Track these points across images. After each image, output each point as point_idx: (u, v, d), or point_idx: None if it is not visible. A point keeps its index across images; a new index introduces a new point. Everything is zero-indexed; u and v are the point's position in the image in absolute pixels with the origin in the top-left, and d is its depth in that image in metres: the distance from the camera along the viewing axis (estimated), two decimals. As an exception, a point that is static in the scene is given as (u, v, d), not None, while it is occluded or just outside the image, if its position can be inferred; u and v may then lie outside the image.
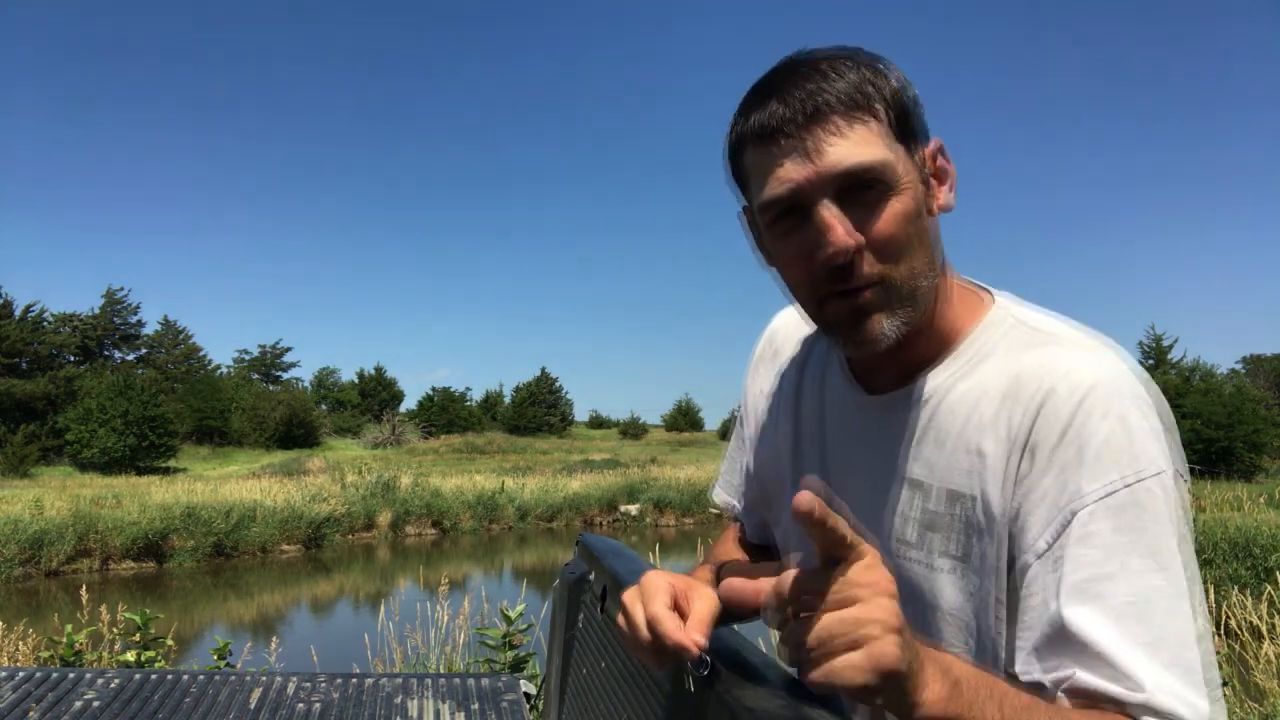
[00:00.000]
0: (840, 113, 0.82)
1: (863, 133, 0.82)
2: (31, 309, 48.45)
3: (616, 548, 1.78)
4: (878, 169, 0.82)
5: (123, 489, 23.88)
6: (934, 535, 0.90)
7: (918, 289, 0.86)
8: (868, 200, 0.83)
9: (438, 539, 23.31)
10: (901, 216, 0.83)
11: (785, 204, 0.84)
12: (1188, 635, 0.75)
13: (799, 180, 0.82)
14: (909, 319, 0.86)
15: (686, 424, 64.41)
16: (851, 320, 0.86)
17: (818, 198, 0.82)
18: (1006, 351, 0.90)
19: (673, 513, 26.11)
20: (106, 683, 2.31)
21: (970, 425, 0.88)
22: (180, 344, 56.15)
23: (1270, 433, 34.90)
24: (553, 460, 40.42)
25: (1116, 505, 0.78)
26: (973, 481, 0.87)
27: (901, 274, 0.84)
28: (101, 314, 52.73)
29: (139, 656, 4.29)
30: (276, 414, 46.27)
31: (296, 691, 2.32)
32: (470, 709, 2.27)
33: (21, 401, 41.55)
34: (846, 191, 0.82)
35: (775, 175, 0.84)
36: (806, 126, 0.82)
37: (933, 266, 0.87)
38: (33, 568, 17.03)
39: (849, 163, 0.81)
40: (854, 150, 0.81)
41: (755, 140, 0.85)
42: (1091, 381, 0.83)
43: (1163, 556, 0.77)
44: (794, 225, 0.85)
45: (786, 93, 0.83)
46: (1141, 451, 0.79)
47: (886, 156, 0.82)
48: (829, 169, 0.81)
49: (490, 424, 58.63)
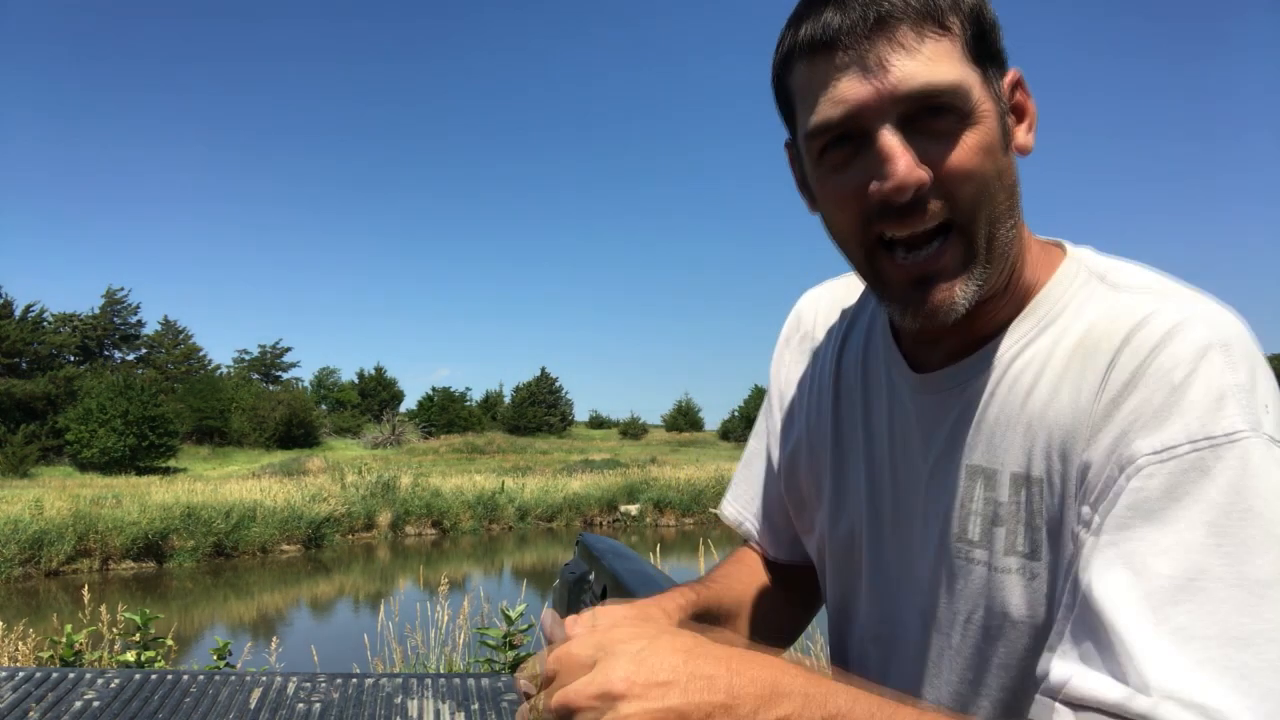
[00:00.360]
0: (910, 23, 0.69)
1: (936, 48, 0.69)
2: (31, 309, 48.51)
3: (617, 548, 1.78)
4: (953, 91, 0.69)
5: (123, 489, 23.88)
6: (999, 530, 0.76)
7: (997, 241, 0.73)
8: (939, 129, 0.70)
9: (438, 539, 23.31)
10: (979, 150, 0.71)
11: (839, 129, 0.71)
12: (1247, 631, 0.58)
13: (857, 100, 0.70)
14: (985, 278, 0.73)
15: (686, 424, 64.39)
16: (914, 287, 0.74)
17: (879, 122, 0.70)
18: (1080, 305, 0.76)
19: (673, 513, 26.11)
20: (106, 683, 2.30)
21: (1036, 394, 0.74)
22: (180, 344, 56.14)
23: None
24: (553, 460, 40.42)
25: (1178, 469, 0.63)
26: (1040, 461, 0.73)
27: (978, 219, 0.72)
28: (101, 314, 52.74)
29: (139, 656, 4.29)
30: (276, 414, 46.26)
31: (296, 691, 2.32)
32: (470, 709, 2.27)
33: (21, 401, 41.55)
34: (914, 118, 0.70)
35: (829, 95, 0.71)
36: (869, 37, 0.69)
37: (1014, 214, 0.75)
38: (33, 568, 17.03)
39: (919, 81, 0.69)
40: (926, 67, 0.69)
41: (806, 54, 0.73)
42: (1174, 323, 0.69)
43: (1230, 537, 0.60)
44: (848, 156, 0.73)
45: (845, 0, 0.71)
46: (1222, 408, 0.64)
47: (963, 78, 0.70)
48: (895, 88, 0.69)
49: (490, 424, 58.62)
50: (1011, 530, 0.75)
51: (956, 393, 0.81)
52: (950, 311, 0.74)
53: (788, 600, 1.08)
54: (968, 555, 0.78)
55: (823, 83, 0.72)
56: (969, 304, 0.74)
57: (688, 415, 65.20)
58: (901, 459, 0.86)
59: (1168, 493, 0.63)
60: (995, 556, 0.76)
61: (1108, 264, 0.79)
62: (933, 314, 0.74)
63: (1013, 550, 0.75)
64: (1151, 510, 0.63)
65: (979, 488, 0.78)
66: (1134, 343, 0.70)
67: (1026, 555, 0.74)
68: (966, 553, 0.78)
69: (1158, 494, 0.63)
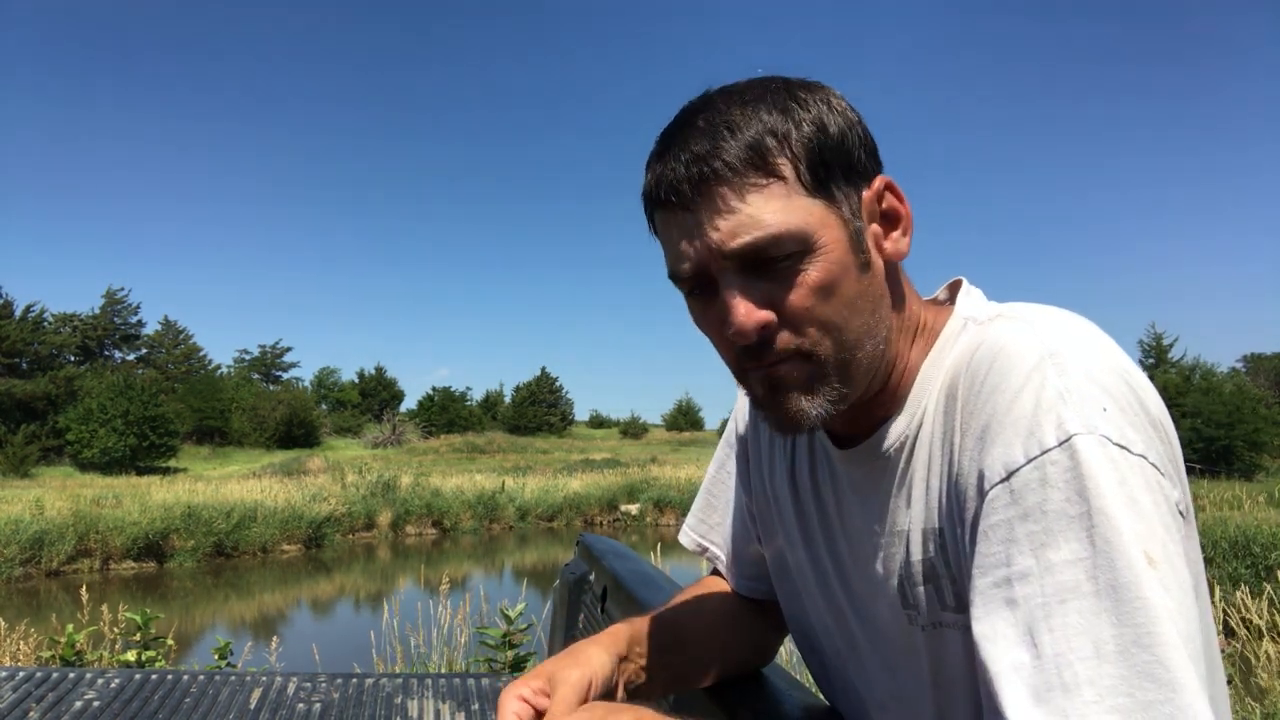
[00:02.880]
0: (730, 181, 0.72)
1: (760, 199, 0.72)
2: (31, 309, 48.48)
3: (617, 548, 1.79)
4: (779, 239, 0.72)
5: (123, 489, 23.88)
6: (928, 588, 0.77)
7: (850, 362, 0.76)
8: (779, 270, 0.73)
9: (438, 539, 23.31)
10: (818, 285, 0.73)
11: (689, 281, 0.77)
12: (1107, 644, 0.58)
13: (695, 259, 0.75)
14: (837, 398, 0.77)
15: (687, 423, 64.39)
16: (769, 398, 0.78)
17: (720, 275, 0.75)
18: (954, 359, 0.78)
19: (673, 512, 26.08)
20: (107, 683, 2.30)
21: (921, 447, 0.78)
22: (180, 344, 56.15)
23: (1270, 432, 34.86)
24: (553, 460, 40.43)
25: (1022, 487, 0.64)
26: (938, 511, 0.76)
27: (827, 348, 0.75)
28: (101, 314, 52.74)
29: (139, 656, 4.29)
30: (277, 414, 46.26)
31: (297, 691, 2.32)
32: (470, 709, 2.27)
33: (21, 401, 41.55)
34: (753, 264, 0.73)
35: (675, 250, 0.77)
36: (695, 201, 0.74)
37: (872, 334, 0.77)
38: (33, 568, 17.03)
39: (744, 237, 0.72)
40: (748, 220, 0.72)
41: (655, 205, 0.79)
42: (1003, 341, 0.71)
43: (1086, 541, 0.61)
44: (708, 300, 0.78)
45: (681, 149, 0.75)
46: (1058, 415, 0.64)
47: (790, 221, 0.72)
48: (719, 247, 0.73)
49: (490, 424, 58.62)
50: (938, 587, 0.76)
51: (876, 463, 0.82)
52: (801, 421, 0.77)
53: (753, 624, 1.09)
54: (917, 622, 0.79)
55: (669, 237, 0.78)
56: (822, 415, 0.77)
57: (688, 415, 65.20)
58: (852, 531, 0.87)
59: (1022, 516, 0.64)
60: (932, 615, 0.77)
61: (983, 308, 0.81)
62: (784, 423, 0.78)
63: (945, 606, 0.76)
64: (1010, 538, 0.64)
65: (903, 551, 0.79)
66: (970, 369, 0.73)
67: (954, 609, 0.75)
68: (916, 620, 0.79)
69: (1013, 518, 0.64)
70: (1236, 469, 31.55)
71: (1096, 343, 0.71)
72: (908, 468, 0.80)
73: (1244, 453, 33.11)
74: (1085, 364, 0.68)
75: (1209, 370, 44.36)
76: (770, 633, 1.10)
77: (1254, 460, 33.45)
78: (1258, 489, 21.59)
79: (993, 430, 0.68)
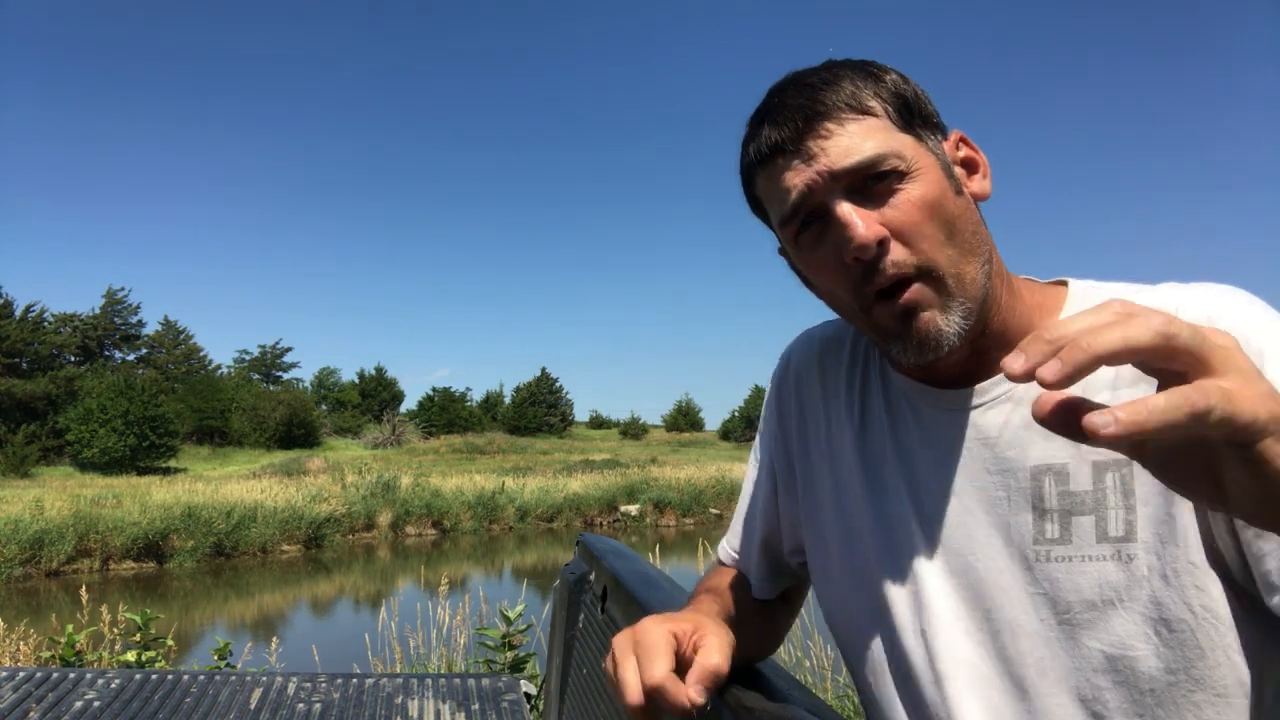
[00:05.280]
0: (831, 117, 0.80)
1: (859, 127, 0.80)
2: (31, 309, 48.48)
3: (617, 548, 1.79)
4: (882, 157, 0.79)
5: (123, 489, 23.88)
6: (1082, 520, 0.78)
7: (965, 275, 0.80)
8: (881, 191, 0.79)
9: (438, 539, 23.30)
10: (921, 200, 0.79)
11: (800, 212, 0.82)
12: None
13: (805, 184, 0.80)
14: (967, 312, 0.80)
15: (687, 424, 64.37)
16: (902, 322, 0.80)
17: (830, 199, 0.80)
18: None
19: (673, 513, 26.09)
20: (107, 683, 2.30)
21: (1096, 386, 0.78)
22: (180, 344, 56.13)
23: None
24: (553, 460, 40.41)
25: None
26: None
27: (942, 260, 0.79)
28: (101, 314, 52.74)
29: (139, 656, 4.29)
30: (276, 414, 46.25)
31: (297, 691, 2.32)
32: (470, 709, 2.27)
33: (21, 401, 41.54)
34: (859, 188, 0.79)
35: (783, 188, 0.82)
36: (801, 138, 0.80)
37: (978, 251, 0.81)
38: (33, 568, 17.03)
39: (851, 157, 0.79)
40: (852, 144, 0.79)
41: (759, 166, 0.84)
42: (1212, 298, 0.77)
43: None
44: (818, 234, 0.82)
45: (777, 115, 0.82)
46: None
47: (889, 144, 0.79)
48: (829, 167, 0.79)
49: (490, 424, 58.62)
50: (1098, 517, 0.78)
51: (1001, 402, 0.84)
52: (939, 339, 0.79)
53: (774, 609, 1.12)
54: (1051, 556, 0.79)
55: (777, 183, 0.83)
56: (957, 335, 0.79)
57: (688, 415, 65.19)
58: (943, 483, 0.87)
59: None
60: (1084, 548, 0.78)
61: (1113, 284, 0.86)
62: (923, 342, 0.80)
63: (1104, 538, 0.77)
64: None
65: (1050, 484, 0.80)
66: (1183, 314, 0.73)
67: (1121, 539, 0.77)
68: (1049, 554, 0.79)
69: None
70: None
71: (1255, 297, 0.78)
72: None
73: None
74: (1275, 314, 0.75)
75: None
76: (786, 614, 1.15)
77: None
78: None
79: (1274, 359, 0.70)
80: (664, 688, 0.77)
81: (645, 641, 0.81)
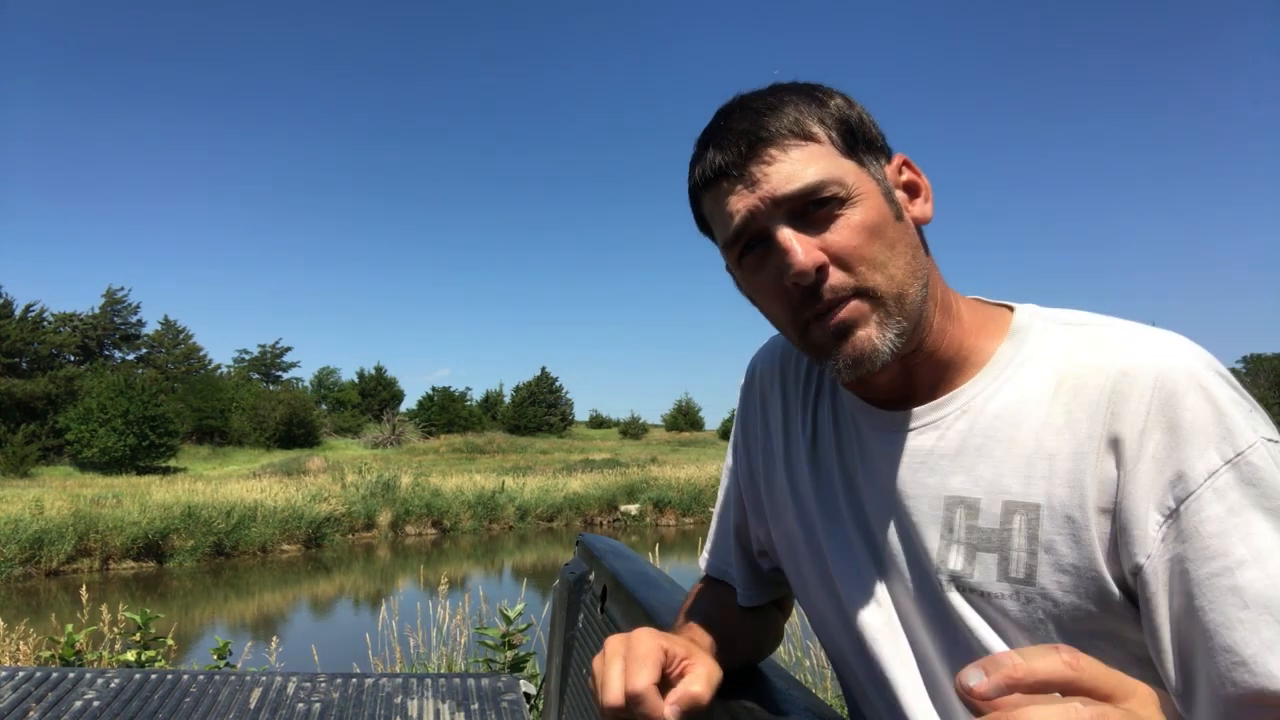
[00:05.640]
0: (776, 142, 0.81)
1: (802, 154, 0.81)
2: (31, 309, 48.45)
3: (616, 548, 1.79)
4: (823, 184, 0.80)
5: (123, 489, 23.88)
6: (987, 556, 0.81)
7: (903, 296, 0.82)
8: (823, 217, 0.81)
9: (438, 539, 23.30)
10: (861, 226, 0.81)
11: (743, 237, 0.84)
12: None
13: (747, 209, 0.82)
14: (901, 330, 0.82)
15: (687, 424, 64.36)
16: (837, 340, 0.82)
17: (772, 224, 0.81)
18: (1048, 350, 0.83)
19: (673, 512, 26.09)
20: (107, 682, 2.31)
21: (1025, 430, 0.81)
22: (180, 344, 56.12)
23: (1270, 432, 34.80)
24: (553, 460, 40.41)
25: (1224, 486, 0.71)
26: (1036, 488, 0.79)
27: (880, 282, 0.81)
28: (101, 314, 52.73)
29: (139, 656, 4.29)
30: (276, 414, 46.24)
31: (296, 691, 2.32)
32: (470, 709, 2.27)
33: (21, 401, 41.53)
34: (800, 214, 0.81)
35: (728, 211, 0.84)
36: (746, 162, 0.82)
37: (916, 275, 0.83)
38: (33, 567, 17.03)
39: (792, 184, 0.80)
40: (794, 171, 0.81)
41: (704, 189, 0.86)
42: (1160, 360, 0.77)
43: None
44: (760, 257, 0.84)
45: (722, 139, 0.84)
46: (1233, 424, 0.73)
47: (831, 171, 0.81)
48: (771, 192, 0.81)
49: (490, 424, 58.60)
50: (1004, 557, 0.80)
51: (932, 430, 0.86)
52: (873, 356, 0.81)
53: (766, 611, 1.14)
54: (953, 587, 0.83)
55: (721, 206, 0.85)
56: (890, 352, 0.81)
57: (688, 415, 65.19)
58: (871, 499, 0.90)
59: (1227, 509, 0.71)
60: (986, 583, 0.81)
61: (1056, 313, 0.87)
62: (857, 359, 0.81)
63: (1005, 576, 0.80)
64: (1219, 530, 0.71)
65: (961, 517, 0.83)
66: (1130, 377, 0.77)
67: (1021, 580, 0.79)
68: (952, 584, 0.83)
69: (1219, 513, 0.71)
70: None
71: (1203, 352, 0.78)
72: (974, 434, 0.83)
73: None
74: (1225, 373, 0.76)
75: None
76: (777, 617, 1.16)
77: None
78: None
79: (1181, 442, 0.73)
80: (644, 696, 0.78)
81: (637, 649, 0.82)
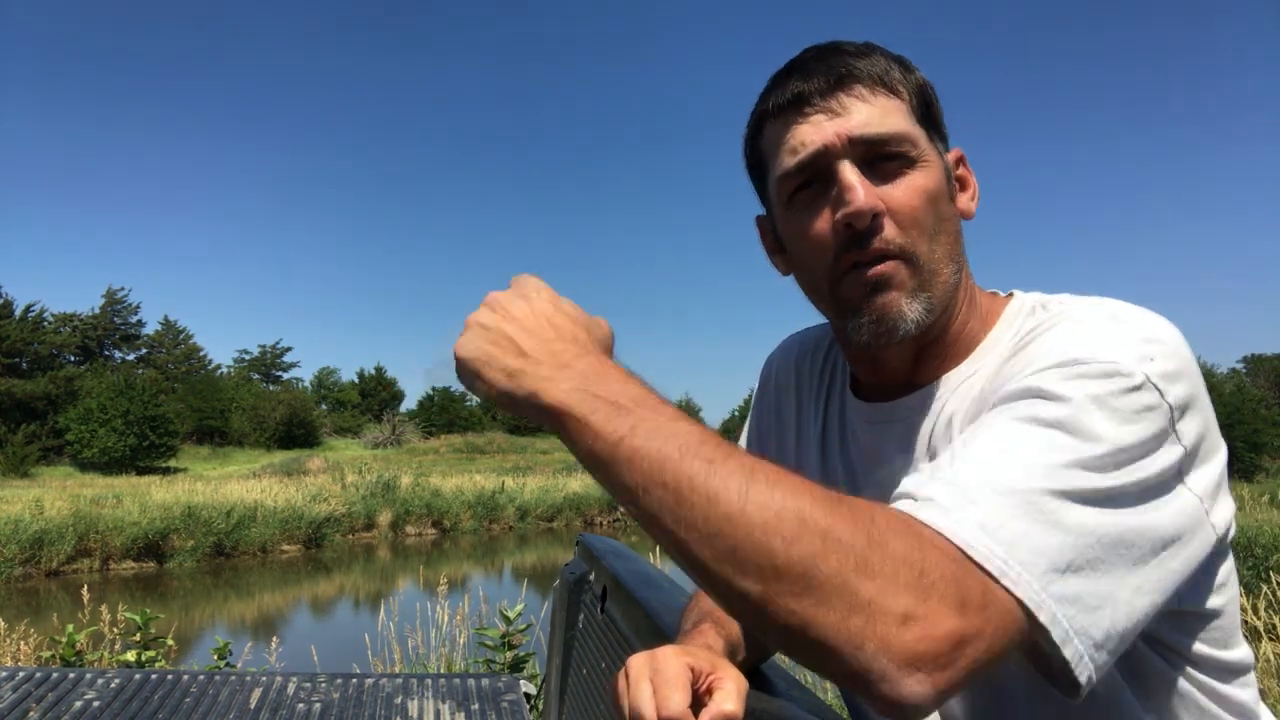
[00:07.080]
0: (865, 83, 0.80)
1: (888, 104, 0.80)
2: (31, 309, 48.46)
3: (616, 548, 1.78)
4: (901, 138, 0.79)
5: (123, 489, 23.87)
6: None
7: (939, 275, 0.81)
8: (889, 171, 0.80)
9: (438, 539, 23.30)
10: (924, 191, 0.80)
11: (806, 169, 0.81)
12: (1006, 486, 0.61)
13: (822, 141, 0.79)
14: (930, 306, 0.80)
15: (687, 424, 64.38)
16: (869, 295, 0.80)
17: (840, 160, 0.79)
18: (1019, 332, 0.83)
19: (673, 513, 26.04)
20: (107, 683, 2.30)
21: (972, 400, 0.81)
22: (180, 344, 56.14)
23: (1271, 433, 34.92)
24: (553, 460, 40.39)
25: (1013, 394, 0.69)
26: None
27: (924, 251, 0.80)
28: (101, 314, 52.73)
29: (139, 656, 4.28)
30: (276, 414, 46.25)
31: (296, 691, 2.32)
32: (470, 709, 2.27)
33: (21, 401, 41.53)
34: (869, 161, 0.80)
35: (797, 140, 0.81)
36: (832, 92, 0.80)
37: (953, 259, 0.82)
38: (33, 568, 17.02)
39: (876, 127, 0.79)
40: (879, 116, 0.79)
41: (777, 114, 0.83)
42: (1076, 309, 0.78)
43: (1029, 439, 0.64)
44: (814, 196, 0.82)
45: (809, 68, 0.82)
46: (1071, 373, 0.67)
47: (908, 128, 0.80)
48: (853, 130, 0.79)
49: (490, 424, 58.57)
50: None
51: (911, 419, 0.86)
52: (898, 321, 0.79)
53: None
54: None
55: (791, 133, 0.82)
56: (915, 324, 0.80)
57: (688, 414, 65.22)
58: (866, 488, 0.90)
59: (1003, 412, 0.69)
60: None
61: (1051, 297, 0.85)
62: (882, 318, 0.79)
63: None
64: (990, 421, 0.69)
65: None
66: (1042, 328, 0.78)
67: None
68: None
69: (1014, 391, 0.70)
70: (1237, 470, 31.54)
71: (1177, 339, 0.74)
72: (942, 417, 0.84)
73: (1244, 454, 33.13)
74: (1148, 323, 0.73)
75: (1209, 371, 44.39)
76: None
77: (1254, 461, 33.47)
78: (1258, 490, 21.55)
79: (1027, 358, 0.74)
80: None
81: (664, 671, 0.78)
